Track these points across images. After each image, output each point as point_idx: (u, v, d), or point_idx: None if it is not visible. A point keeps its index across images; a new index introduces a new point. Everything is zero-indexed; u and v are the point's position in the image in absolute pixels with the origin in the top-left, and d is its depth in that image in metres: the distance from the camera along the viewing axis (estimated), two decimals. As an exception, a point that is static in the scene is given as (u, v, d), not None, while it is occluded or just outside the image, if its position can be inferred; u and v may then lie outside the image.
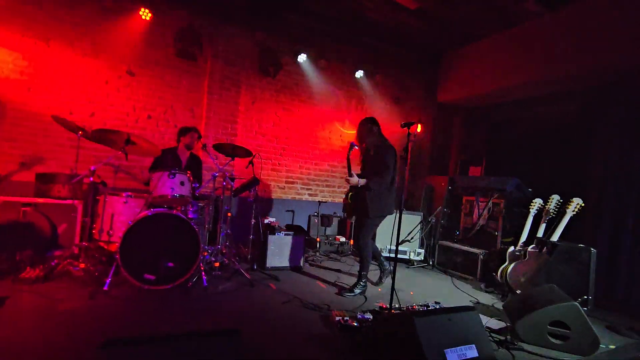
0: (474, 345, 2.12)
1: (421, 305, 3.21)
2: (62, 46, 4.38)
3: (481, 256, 4.63)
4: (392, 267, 4.55)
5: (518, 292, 3.75)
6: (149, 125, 4.85)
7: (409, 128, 2.97)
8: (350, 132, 6.40)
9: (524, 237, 4.11)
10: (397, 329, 2.19)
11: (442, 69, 6.56)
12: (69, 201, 3.77)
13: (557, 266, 3.75)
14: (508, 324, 2.95)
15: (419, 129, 6.14)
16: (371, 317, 2.76)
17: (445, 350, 2.02)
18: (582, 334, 2.63)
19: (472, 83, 5.94)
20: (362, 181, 3.55)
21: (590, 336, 2.63)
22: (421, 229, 5.17)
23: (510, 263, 3.97)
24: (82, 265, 3.28)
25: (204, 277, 3.28)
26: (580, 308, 2.65)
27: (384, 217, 3.70)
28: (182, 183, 3.35)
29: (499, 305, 3.58)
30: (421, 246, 5.23)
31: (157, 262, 3.08)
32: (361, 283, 3.63)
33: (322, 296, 3.42)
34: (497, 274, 4.07)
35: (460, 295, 3.97)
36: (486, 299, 3.91)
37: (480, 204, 5.17)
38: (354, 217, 3.87)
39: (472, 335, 2.17)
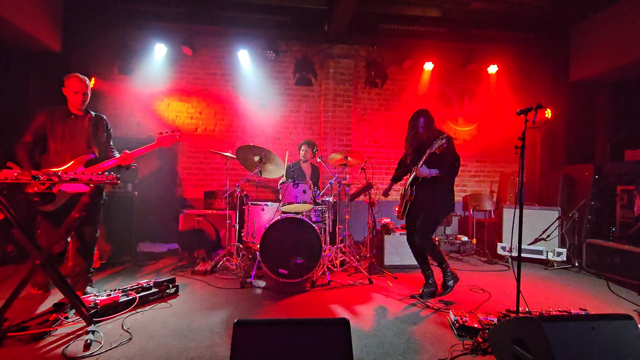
0: (630, 362, 1.62)
1: (561, 312, 2.63)
2: (215, 92, 5.34)
3: (650, 257, 3.54)
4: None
5: None
6: (278, 145, 5.43)
7: (526, 115, 2.53)
8: (463, 129, 5.83)
9: None
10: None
11: (573, 43, 5.35)
12: (225, 211, 4.50)
13: None
14: (694, 342, 2.14)
15: (548, 114, 5.08)
16: (495, 319, 2.40)
17: (587, 363, 1.60)
18: None
19: (621, 51, 4.62)
20: (435, 171, 2.93)
21: None
22: (559, 225, 4.27)
23: (696, 265, 2.91)
24: (235, 261, 3.88)
25: (327, 273, 3.46)
26: None
27: (448, 214, 3.07)
28: (304, 191, 3.62)
29: (681, 318, 2.65)
30: (561, 245, 4.30)
31: (288, 259, 3.38)
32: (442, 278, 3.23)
33: (440, 295, 3.16)
34: (676, 279, 3.06)
35: (620, 303, 3.10)
36: (660, 309, 2.94)
37: (643, 193, 3.97)
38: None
39: (628, 349, 1.66)
